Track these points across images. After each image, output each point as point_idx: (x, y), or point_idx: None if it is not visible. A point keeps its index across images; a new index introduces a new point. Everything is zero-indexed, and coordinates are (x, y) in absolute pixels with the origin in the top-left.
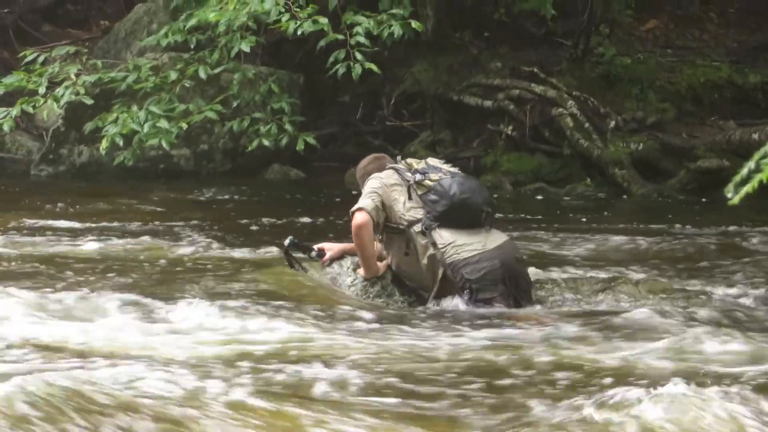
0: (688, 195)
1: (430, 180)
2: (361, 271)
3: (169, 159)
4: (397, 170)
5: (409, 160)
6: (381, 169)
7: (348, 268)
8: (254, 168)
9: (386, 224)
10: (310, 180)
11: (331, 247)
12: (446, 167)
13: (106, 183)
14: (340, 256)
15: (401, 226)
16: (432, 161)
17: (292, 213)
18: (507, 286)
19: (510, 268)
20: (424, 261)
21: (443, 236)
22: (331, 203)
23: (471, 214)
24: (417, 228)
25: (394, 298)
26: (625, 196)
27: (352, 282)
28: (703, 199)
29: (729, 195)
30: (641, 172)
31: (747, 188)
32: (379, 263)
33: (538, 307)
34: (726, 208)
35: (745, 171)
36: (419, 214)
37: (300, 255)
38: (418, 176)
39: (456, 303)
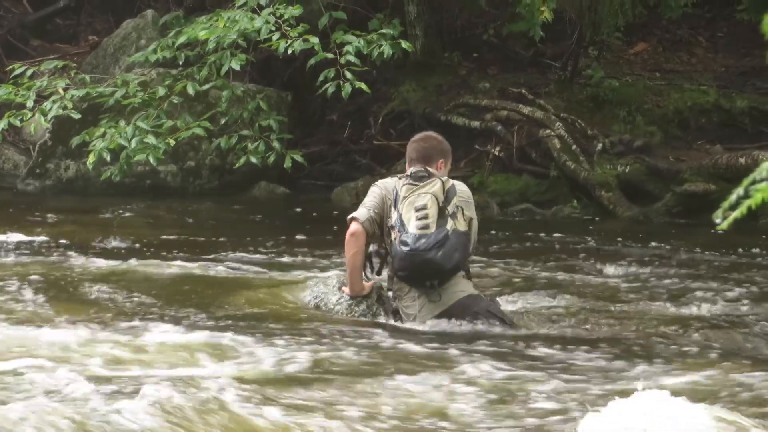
0: (674, 218)
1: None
2: (346, 289)
3: (156, 175)
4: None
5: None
6: (415, 155)
7: (333, 286)
8: (241, 185)
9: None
10: (296, 198)
11: None
12: (425, 205)
13: (92, 198)
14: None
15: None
16: (423, 197)
17: (278, 232)
18: None
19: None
20: None
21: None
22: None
23: (414, 285)
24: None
25: (378, 319)
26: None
27: (337, 300)
28: (689, 222)
29: (717, 220)
30: (627, 194)
31: (736, 214)
32: (365, 283)
33: None
34: (711, 232)
35: (733, 197)
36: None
37: None
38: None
39: None
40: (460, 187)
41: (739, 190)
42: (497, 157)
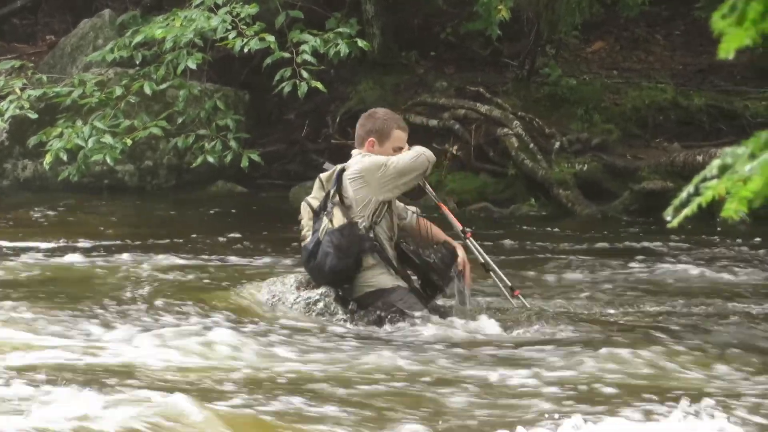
0: (632, 216)
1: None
2: None
3: (114, 175)
4: None
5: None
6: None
7: (291, 285)
8: (199, 184)
9: None
10: (254, 197)
11: None
12: (301, 215)
13: (49, 198)
14: None
15: None
16: (302, 206)
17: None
18: None
19: None
20: None
21: None
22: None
23: None
24: None
25: (336, 317)
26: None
27: (294, 300)
28: (647, 219)
29: (668, 218)
30: (585, 192)
31: (686, 212)
32: None
33: None
34: (666, 229)
35: (684, 194)
36: None
37: None
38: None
39: None
40: (356, 165)
41: (690, 188)
42: (455, 155)
